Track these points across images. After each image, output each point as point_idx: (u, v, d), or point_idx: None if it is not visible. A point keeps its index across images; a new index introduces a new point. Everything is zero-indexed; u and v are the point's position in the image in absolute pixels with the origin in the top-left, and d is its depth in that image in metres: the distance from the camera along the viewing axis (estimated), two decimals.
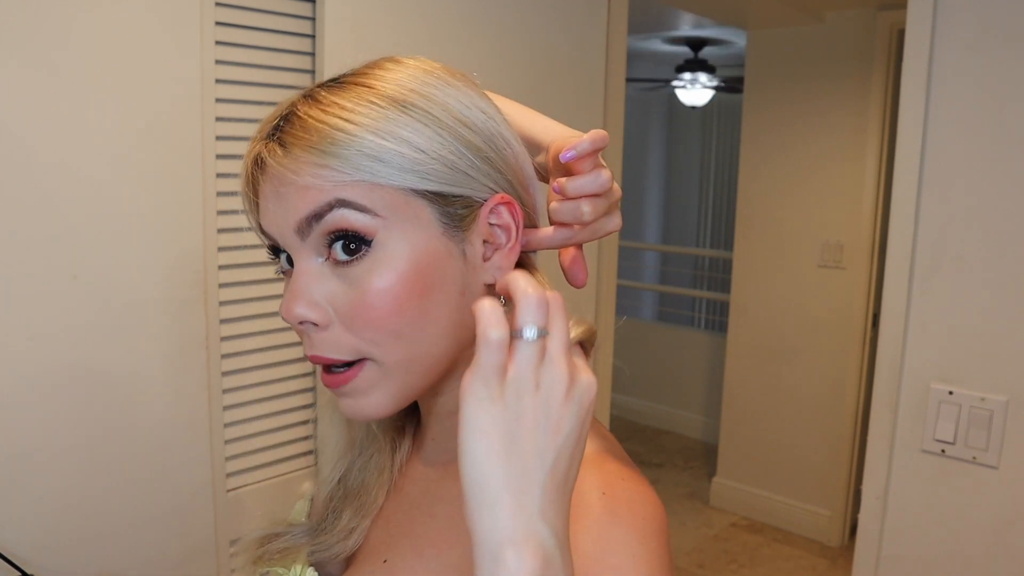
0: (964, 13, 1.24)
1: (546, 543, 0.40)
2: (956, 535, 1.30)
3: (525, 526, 0.40)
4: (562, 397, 0.42)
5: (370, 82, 0.54)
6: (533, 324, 0.42)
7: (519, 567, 0.39)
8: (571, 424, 0.42)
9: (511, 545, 0.39)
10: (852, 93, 2.98)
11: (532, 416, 0.41)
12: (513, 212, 0.55)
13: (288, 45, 1.40)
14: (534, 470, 0.41)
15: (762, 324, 3.36)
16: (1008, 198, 1.23)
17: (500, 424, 0.41)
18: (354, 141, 0.50)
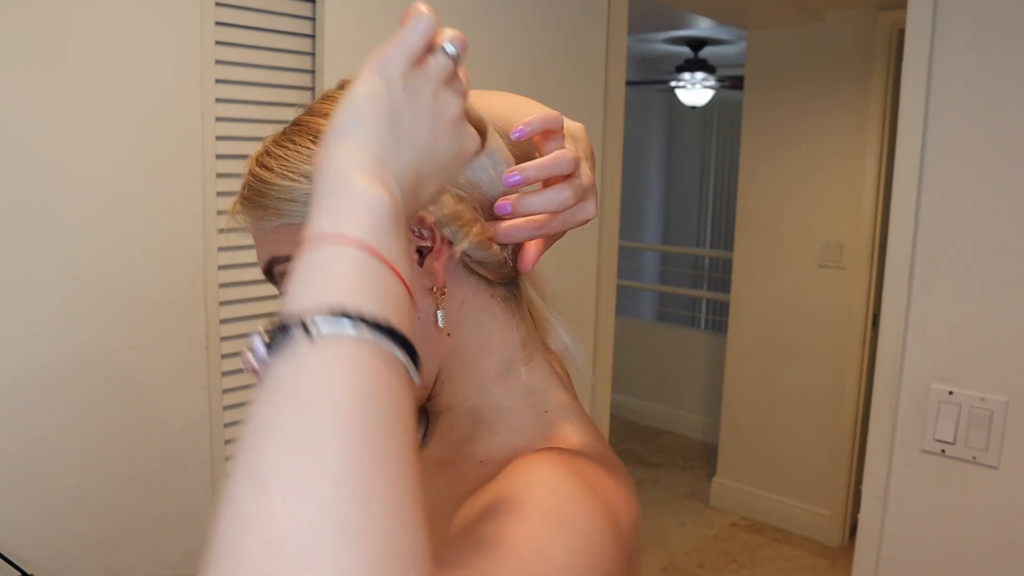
0: (964, 13, 1.24)
1: (395, 197, 0.39)
2: (956, 535, 1.30)
3: (383, 171, 0.40)
4: (450, 120, 0.44)
5: (303, 119, 0.56)
6: (454, 44, 0.44)
7: (371, 193, 0.38)
8: (447, 149, 0.44)
9: (365, 175, 0.38)
10: (852, 93, 2.98)
11: (421, 113, 0.42)
12: (428, 215, 0.54)
13: (288, 45, 1.40)
14: (404, 147, 0.42)
15: (762, 324, 3.36)
16: (1008, 198, 1.23)
17: (391, 97, 0.41)
18: (270, 188, 0.53)
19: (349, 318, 0.34)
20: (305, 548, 0.28)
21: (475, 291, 0.58)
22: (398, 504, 0.31)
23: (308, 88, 1.44)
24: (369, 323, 0.34)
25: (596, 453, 0.54)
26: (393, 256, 0.37)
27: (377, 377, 0.33)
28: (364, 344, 0.34)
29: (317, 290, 0.35)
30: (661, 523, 3.41)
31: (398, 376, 0.35)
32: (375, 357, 0.34)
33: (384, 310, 0.35)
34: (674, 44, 4.51)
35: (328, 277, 0.35)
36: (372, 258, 0.36)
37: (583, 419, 0.58)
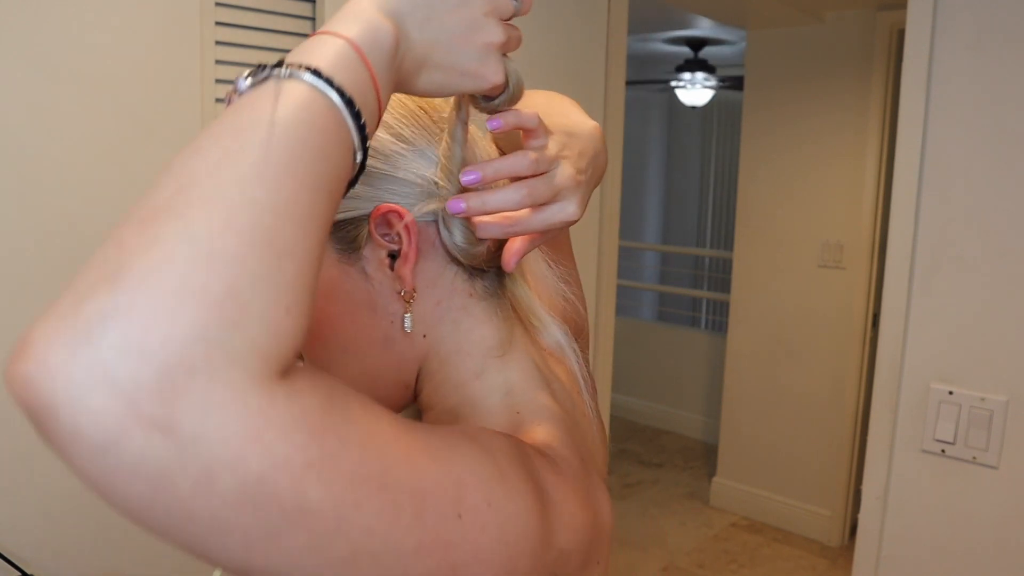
0: (964, 13, 1.24)
1: (399, 41, 0.43)
2: (956, 535, 1.30)
3: (401, 22, 0.44)
4: (484, 42, 0.48)
5: None
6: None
7: (379, 22, 0.42)
8: (468, 58, 0.47)
9: (382, 13, 0.43)
10: (852, 93, 2.98)
11: (462, 16, 0.47)
12: (399, 218, 0.53)
13: (288, 45, 1.41)
14: (430, 25, 0.46)
15: (762, 324, 3.36)
16: (1008, 198, 1.23)
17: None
18: None
19: (318, 75, 0.38)
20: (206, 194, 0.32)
21: (452, 291, 0.57)
22: (296, 211, 0.34)
23: None
24: (333, 86, 0.38)
25: (559, 457, 0.53)
26: (376, 66, 0.41)
27: (320, 129, 0.37)
28: (322, 100, 0.37)
29: (300, 54, 0.39)
30: (661, 523, 3.41)
31: (341, 143, 0.38)
32: (327, 114, 0.37)
33: (350, 87, 0.39)
34: (674, 44, 4.51)
35: (314, 51, 0.39)
36: (356, 56, 0.40)
37: (559, 425, 0.57)
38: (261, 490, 0.31)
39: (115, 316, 0.29)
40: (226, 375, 0.30)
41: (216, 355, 0.30)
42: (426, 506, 0.38)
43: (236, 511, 0.31)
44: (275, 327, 0.32)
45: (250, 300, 0.31)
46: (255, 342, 0.31)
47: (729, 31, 4.07)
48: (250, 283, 0.31)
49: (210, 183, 0.33)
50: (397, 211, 0.53)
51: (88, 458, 0.29)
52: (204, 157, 0.34)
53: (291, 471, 0.31)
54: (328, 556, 0.34)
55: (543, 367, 0.61)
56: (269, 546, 0.33)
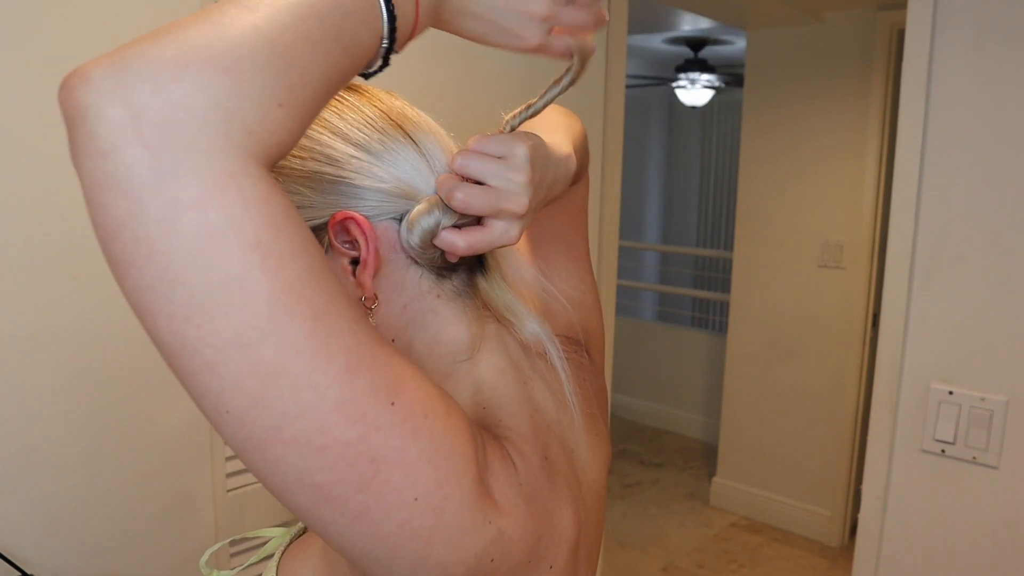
0: (964, 13, 1.24)
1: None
2: (956, 535, 1.30)
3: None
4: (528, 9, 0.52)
5: None
6: None
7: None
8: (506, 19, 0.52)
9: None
10: (852, 93, 2.98)
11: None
12: (356, 225, 0.53)
13: None
14: None
15: (762, 324, 3.36)
16: (1008, 198, 1.23)
17: None
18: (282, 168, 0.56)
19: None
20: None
21: (418, 293, 0.57)
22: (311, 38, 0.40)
23: None
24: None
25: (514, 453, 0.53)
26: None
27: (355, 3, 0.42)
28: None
29: None
30: (661, 523, 3.41)
31: (369, 18, 0.43)
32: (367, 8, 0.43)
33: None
34: (674, 44, 4.51)
35: None
36: None
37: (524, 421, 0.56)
38: (212, 244, 0.35)
39: (147, 56, 0.36)
40: (214, 129, 0.35)
41: (212, 111, 0.36)
42: (359, 371, 0.40)
43: (187, 263, 0.35)
44: (265, 109, 0.37)
45: (251, 79, 0.37)
46: (246, 113, 0.36)
47: (729, 31, 4.07)
48: (254, 67, 0.37)
49: (276, 15, 0.39)
50: (353, 218, 0.53)
51: (93, 160, 0.37)
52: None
53: (241, 238, 0.36)
54: (254, 355, 0.37)
55: (523, 363, 0.61)
56: (203, 316, 0.36)
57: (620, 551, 3.14)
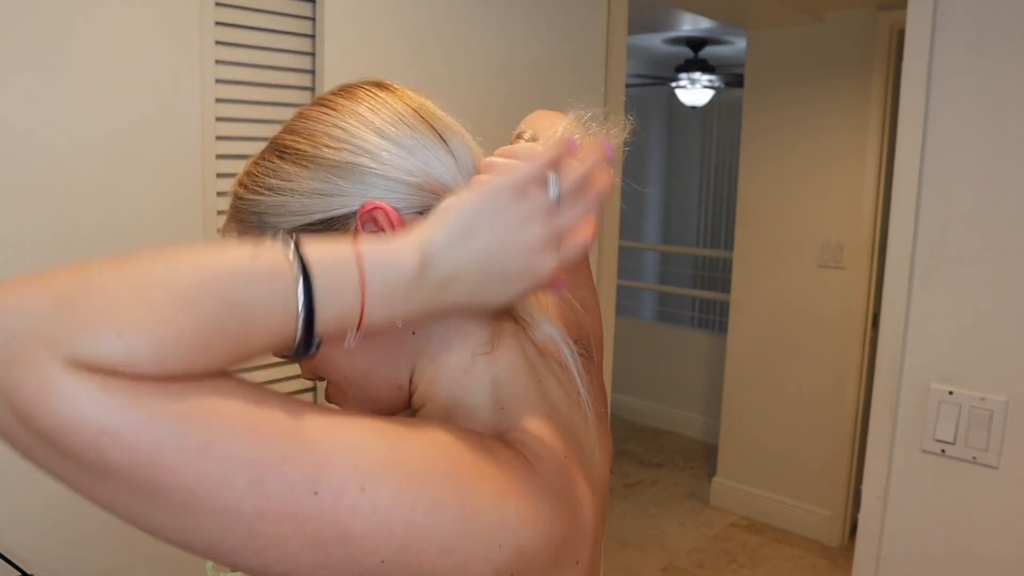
0: (964, 13, 1.24)
1: (422, 279, 0.48)
2: (956, 535, 1.30)
3: (432, 257, 0.48)
4: (526, 247, 0.51)
5: (275, 136, 0.60)
6: (558, 188, 0.52)
7: (405, 252, 0.48)
8: (511, 263, 0.51)
9: (417, 246, 0.48)
10: (852, 93, 2.98)
11: (502, 232, 0.50)
12: (385, 216, 0.54)
13: (288, 45, 1.41)
14: (468, 251, 0.49)
15: (762, 324, 3.36)
16: (1008, 198, 1.23)
17: (482, 213, 0.50)
18: (242, 203, 0.58)
19: (298, 254, 0.44)
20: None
21: None
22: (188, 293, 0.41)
23: (308, 88, 1.44)
24: (304, 273, 0.43)
25: (532, 454, 0.54)
26: (372, 274, 0.46)
27: (262, 274, 0.43)
28: (285, 265, 0.43)
29: (312, 243, 0.45)
30: (661, 523, 3.41)
31: (277, 318, 0.43)
32: (284, 303, 0.43)
33: (322, 269, 0.44)
34: (674, 44, 4.51)
35: (324, 244, 0.45)
36: (354, 269, 0.45)
37: (545, 420, 0.57)
38: (58, 442, 0.37)
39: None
40: (42, 347, 0.37)
41: (41, 334, 0.38)
42: (266, 479, 0.41)
43: (49, 455, 0.39)
44: (96, 338, 0.38)
45: (88, 312, 0.38)
46: (73, 338, 0.38)
47: (729, 31, 4.07)
48: (93, 303, 0.39)
49: (147, 265, 0.42)
50: (382, 208, 0.54)
51: None
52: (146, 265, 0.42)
53: (82, 433, 0.37)
54: (157, 508, 0.39)
55: (538, 363, 0.62)
56: (94, 490, 0.40)
57: (620, 551, 3.14)
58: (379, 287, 0.46)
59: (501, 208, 0.50)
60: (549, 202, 0.51)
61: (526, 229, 0.50)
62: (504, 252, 0.50)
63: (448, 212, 0.50)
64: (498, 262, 0.50)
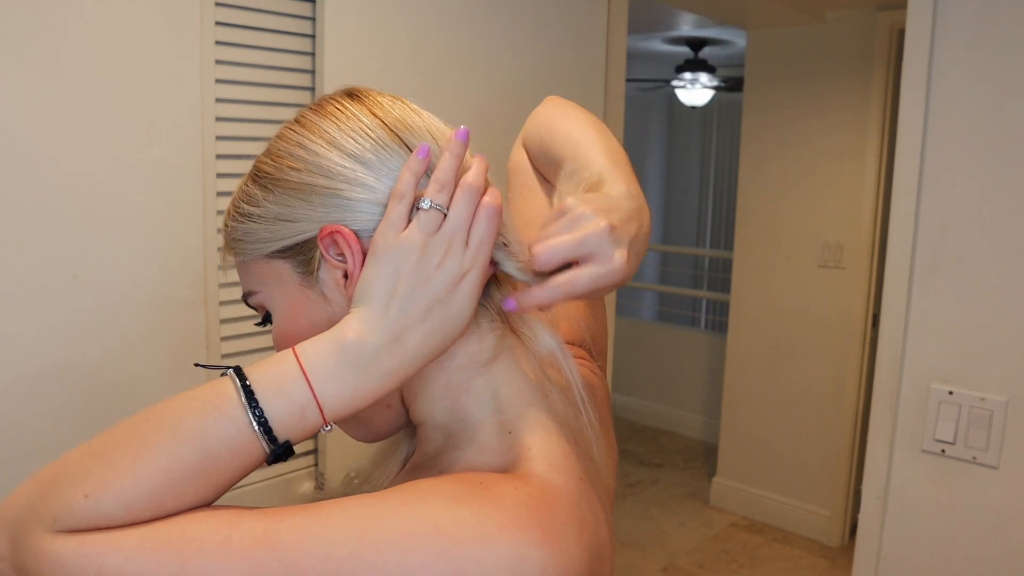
0: (964, 13, 1.24)
1: (367, 348, 0.49)
2: (956, 535, 1.30)
3: (369, 328, 0.50)
4: (434, 266, 0.51)
5: (256, 160, 0.60)
6: (428, 199, 0.52)
7: (344, 332, 0.50)
8: (432, 287, 0.51)
9: (354, 324, 0.50)
10: (852, 93, 2.98)
11: (410, 271, 0.51)
12: (343, 238, 0.54)
13: (288, 45, 1.40)
14: (395, 307, 0.50)
15: (762, 324, 3.36)
16: (1008, 198, 1.23)
17: (387, 269, 0.51)
18: (227, 231, 0.60)
19: (238, 374, 0.49)
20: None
21: None
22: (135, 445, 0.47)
23: (308, 88, 1.44)
24: (244, 382, 0.48)
25: (553, 488, 0.51)
26: (314, 366, 0.49)
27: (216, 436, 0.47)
28: (230, 391, 0.48)
29: (262, 363, 0.50)
30: (661, 523, 3.41)
31: (237, 440, 0.47)
32: (234, 421, 0.47)
33: (265, 387, 0.48)
34: (674, 44, 4.51)
35: (266, 360, 0.50)
36: (292, 358, 0.49)
37: (556, 442, 0.55)
38: None
39: None
40: (33, 526, 0.45)
41: (30, 515, 0.45)
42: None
43: None
44: (68, 504, 0.44)
45: (60, 485, 0.45)
46: (52, 510, 0.45)
47: (729, 31, 4.07)
48: (65, 476, 0.46)
49: (110, 432, 0.48)
50: (340, 231, 0.53)
51: None
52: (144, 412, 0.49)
53: None
54: None
55: (540, 378, 0.59)
56: None
57: (620, 551, 3.14)
58: (325, 371, 0.48)
59: (397, 256, 0.51)
60: (431, 223, 0.51)
61: (425, 259, 0.51)
62: (423, 288, 0.51)
63: (368, 284, 0.51)
64: (424, 300, 0.50)
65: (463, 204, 0.52)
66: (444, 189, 0.52)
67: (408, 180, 0.52)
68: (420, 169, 0.53)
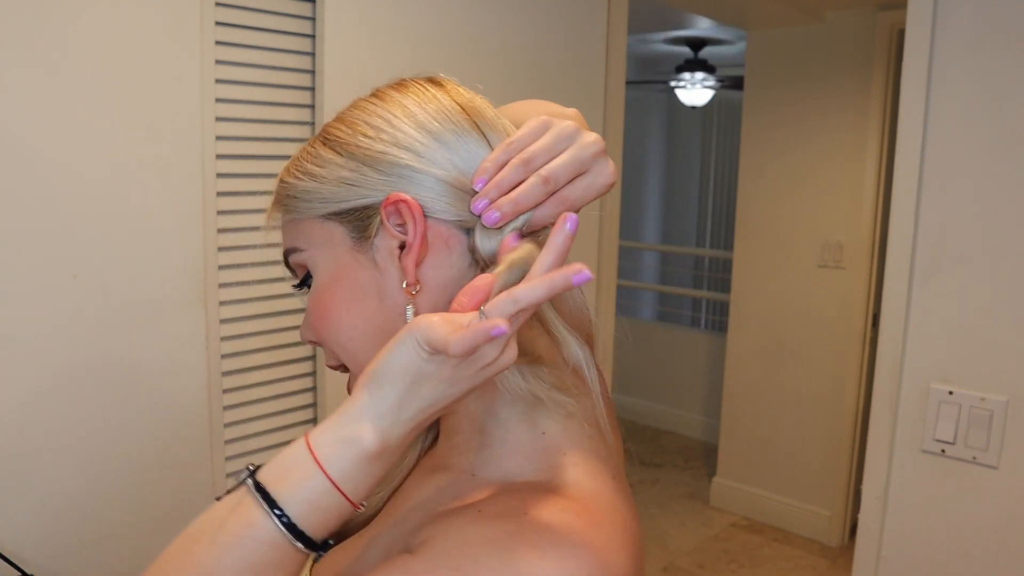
0: (964, 13, 1.24)
1: (391, 445, 0.48)
2: (956, 535, 1.30)
3: (389, 426, 0.47)
4: (479, 368, 0.48)
5: (326, 124, 0.60)
6: (501, 326, 0.46)
7: (364, 436, 0.47)
8: (471, 382, 0.48)
9: (372, 424, 0.47)
10: (852, 93, 2.98)
11: (448, 373, 0.47)
12: (407, 209, 0.54)
13: (288, 45, 1.41)
14: (420, 400, 0.48)
15: (762, 324, 3.36)
16: (1008, 198, 1.23)
17: (420, 368, 0.47)
18: (283, 187, 0.59)
19: (267, 499, 0.47)
20: None
21: None
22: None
23: (308, 88, 1.44)
24: (279, 511, 0.47)
25: (592, 495, 0.52)
26: (346, 478, 0.47)
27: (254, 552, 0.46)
28: (264, 518, 0.47)
29: (274, 467, 0.49)
30: (661, 523, 3.41)
31: (283, 562, 0.47)
32: (268, 535, 0.47)
33: (300, 508, 0.47)
34: (674, 44, 4.51)
35: (286, 465, 0.48)
36: (321, 473, 0.47)
37: (586, 447, 0.56)
38: None
39: None
40: None
41: None
42: None
43: None
44: None
45: None
46: None
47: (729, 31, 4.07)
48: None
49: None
50: (405, 200, 0.54)
51: None
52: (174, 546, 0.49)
53: None
54: None
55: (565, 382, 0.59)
56: None
57: None
58: (356, 479, 0.47)
59: (437, 364, 0.46)
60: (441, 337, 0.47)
61: (467, 363, 0.47)
62: (458, 385, 0.48)
63: (385, 376, 0.47)
64: (454, 394, 0.48)
65: (521, 318, 0.47)
66: (514, 308, 0.46)
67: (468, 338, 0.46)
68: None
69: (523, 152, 0.55)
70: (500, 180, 0.54)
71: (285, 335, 1.42)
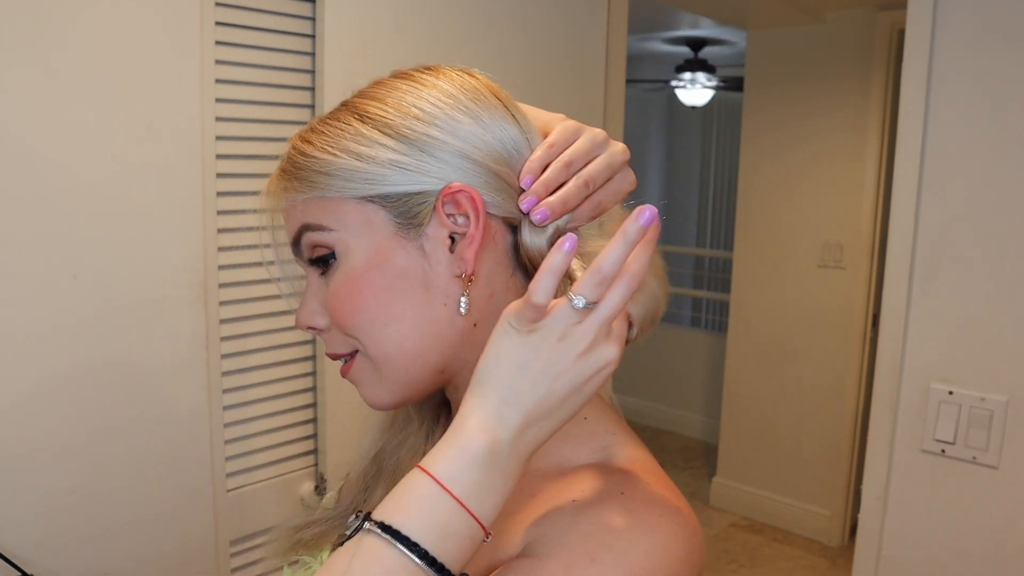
0: (964, 13, 1.24)
1: (501, 445, 0.46)
2: (956, 535, 1.30)
3: (496, 423, 0.46)
4: (575, 356, 0.46)
5: (350, 100, 0.59)
6: (583, 297, 0.46)
7: (472, 437, 0.45)
8: (572, 378, 0.47)
9: (478, 423, 0.46)
10: (852, 93, 2.98)
11: (546, 359, 0.46)
12: (469, 199, 0.53)
13: (288, 45, 1.40)
14: (525, 396, 0.46)
15: (762, 324, 3.36)
16: (1008, 198, 1.23)
17: (517, 354, 0.46)
18: (309, 161, 0.56)
19: (391, 533, 0.43)
20: None
21: (506, 287, 0.57)
22: None
23: (308, 88, 1.44)
24: (408, 542, 0.43)
25: (653, 466, 0.58)
26: (467, 491, 0.45)
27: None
28: (395, 554, 0.43)
29: (390, 504, 0.45)
30: None
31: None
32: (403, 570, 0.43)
33: (430, 536, 0.44)
34: (674, 44, 4.51)
35: (401, 497, 0.45)
36: (441, 491, 0.45)
37: (621, 426, 0.60)
38: None
39: None
40: None
41: None
42: None
43: None
44: None
45: None
46: None
47: (729, 31, 4.07)
48: None
49: None
50: (469, 192, 0.53)
51: None
52: None
53: None
54: None
55: None
56: None
57: None
58: (481, 494, 0.45)
59: (532, 339, 0.46)
60: (577, 315, 0.46)
61: (566, 348, 0.46)
62: (562, 378, 0.46)
63: (489, 370, 0.47)
64: (561, 391, 0.47)
65: (619, 297, 0.47)
66: (603, 284, 0.46)
67: (561, 264, 0.46)
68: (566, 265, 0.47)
69: (563, 154, 0.56)
70: (547, 179, 0.55)
71: (285, 335, 1.42)
